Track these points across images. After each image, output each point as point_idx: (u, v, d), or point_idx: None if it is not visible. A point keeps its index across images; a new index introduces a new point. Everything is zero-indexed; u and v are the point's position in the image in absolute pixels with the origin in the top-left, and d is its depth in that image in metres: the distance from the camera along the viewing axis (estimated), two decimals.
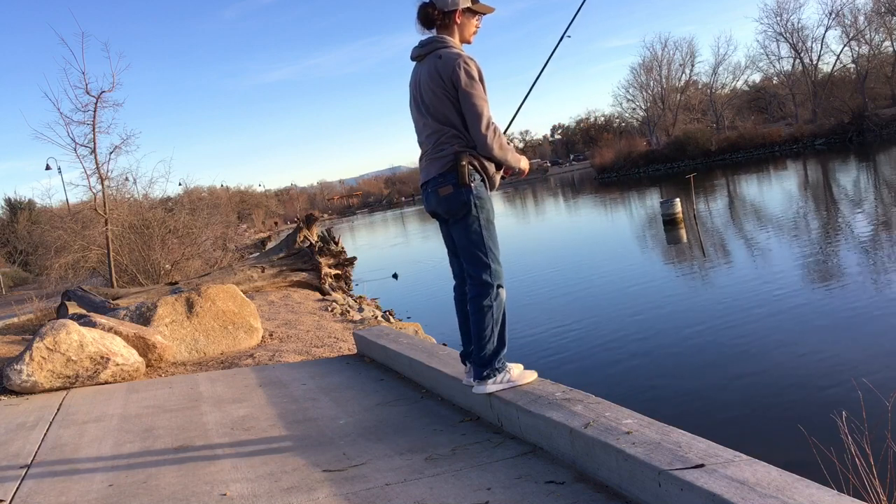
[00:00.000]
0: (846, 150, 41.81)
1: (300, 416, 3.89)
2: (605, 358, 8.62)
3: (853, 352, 7.33)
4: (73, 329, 5.29)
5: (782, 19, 59.31)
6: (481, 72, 3.11)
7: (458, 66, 3.04)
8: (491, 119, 3.08)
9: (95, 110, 11.88)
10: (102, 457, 3.43)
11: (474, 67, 3.07)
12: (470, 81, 3.04)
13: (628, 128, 76.91)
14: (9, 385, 5.07)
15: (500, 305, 3.18)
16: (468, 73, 3.04)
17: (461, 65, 3.04)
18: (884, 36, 55.97)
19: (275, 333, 7.55)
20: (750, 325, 8.97)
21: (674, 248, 17.23)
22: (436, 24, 3.18)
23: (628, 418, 2.60)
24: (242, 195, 71.11)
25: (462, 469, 2.78)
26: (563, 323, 10.69)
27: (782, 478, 1.97)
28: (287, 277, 12.55)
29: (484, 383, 3.22)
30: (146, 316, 6.54)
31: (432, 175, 3.16)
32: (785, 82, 63.08)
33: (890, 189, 21.48)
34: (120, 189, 14.79)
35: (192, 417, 4.07)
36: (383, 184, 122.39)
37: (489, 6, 3.27)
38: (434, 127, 3.15)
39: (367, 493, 2.63)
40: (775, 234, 16.33)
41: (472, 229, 3.13)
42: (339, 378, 4.86)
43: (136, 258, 13.88)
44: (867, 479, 2.76)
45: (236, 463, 3.14)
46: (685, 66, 67.86)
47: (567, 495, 2.41)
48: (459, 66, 3.04)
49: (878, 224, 15.43)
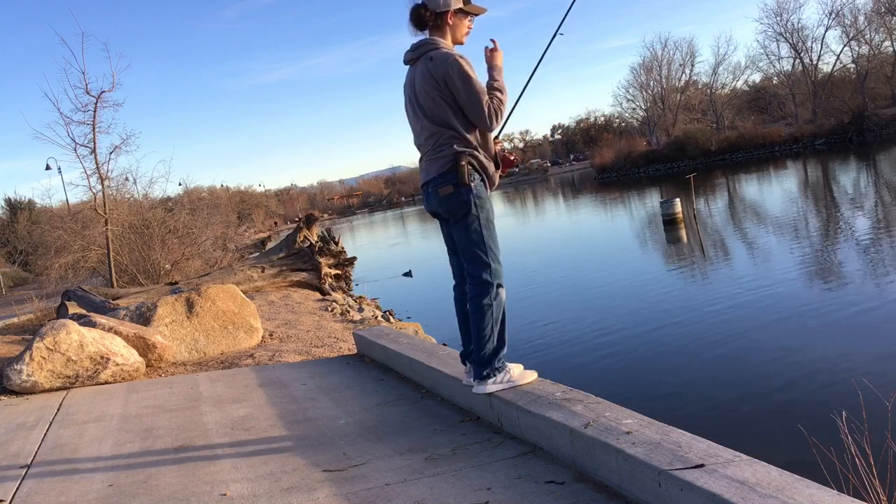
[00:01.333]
0: (846, 150, 41.81)
1: (300, 416, 3.89)
2: (605, 358, 8.62)
3: (853, 352, 7.33)
4: (73, 329, 5.29)
5: (782, 19, 59.43)
6: (472, 66, 3.11)
7: (449, 65, 3.06)
8: (489, 107, 3.10)
9: (95, 110, 11.89)
10: (102, 457, 3.43)
11: (466, 64, 3.08)
12: (464, 79, 3.05)
13: (628, 128, 76.93)
14: (9, 385, 5.07)
15: (500, 305, 3.18)
16: (460, 71, 3.05)
17: (452, 64, 3.06)
18: (884, 36, 56.03)
19: (275, 333, 7.55)
20: (750, 325, 8.97)
21: (674, 248, 17.23)
22: (428, 25, 3.20)
23: (628, 418, 2.60)
24: (242, 195, 71.07)
25: (462, 469, 2.78)
26: (563, 323, 10.69)
27: (782, 478, 1.97)
28: (287, 277, 12.55)
29: (484, 383, 3.22)
30: (146, 316, 6.54)
31: (432, 175, 3.17)
32: (785, 82, 63.09)
33: (890, 189, 21.47)
34: (120, 189, 14.81)
35: (192, 417, 4.07)
36: (383, 184, 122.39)
37: (481, 7, 3.28)
38: (432, 129, 3.16)
39: (367, 493, 2.63)
40: (775, 234, 16.33)
41: (472, 228, 3.14)
42: (339, 378, 4.86)
43: (136, 258, 13.87)
44: (867, 479, 2.76)
45: (236, 463, 3.14)
46: (685, 66, 67.98)
47: (567, 495, 2.41)
48: (451, 66, 3.06)
49: (878, 224, 15.43)
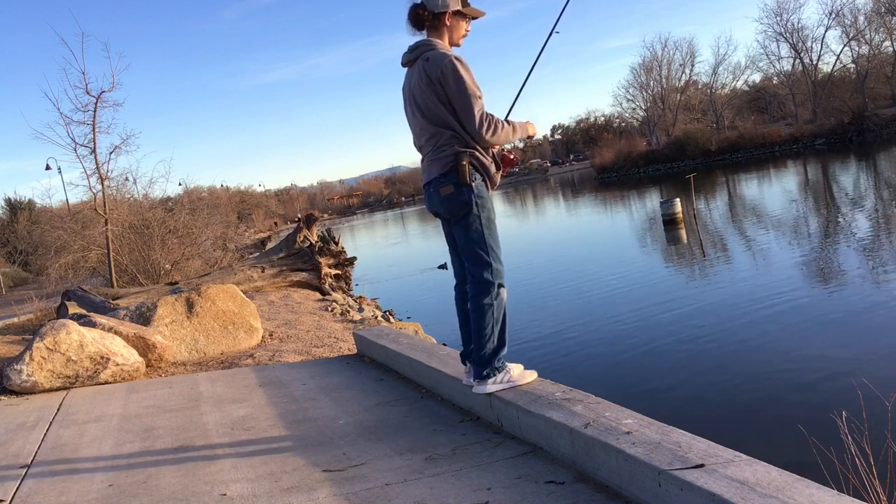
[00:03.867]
0: (846, 150, 41.81)
1: (300, 416, 3.89)
2: (605, 358, 8.62)
3: (853, 352, 7.33)
4: (73, 329, 5.29)
5: (782, 19, 59.45)
6: (469, 68, 3.11)
7: (444, 65, 3.06)
8: (483, 112, 3.08)
9: (95, 110, 11.88)
10: (102, 457, 3.43)
11: (461, 65, 3.08)
12: (458, 79, 3.05)
13: (628, 128, 76.95)
14: (9, 385, 5.07)
15: (501, 305, 3.18)
16: (455, 72, 3.05)
17: (448, 65, 3.06)
18: (884, 36, 56.03)
19: (275, 333, 7.55)
20: (750, 324, 8.97)
21: (674, 249, 17.24)
22: (426, 25, 3.21)
23: (628, 418, 2.60)
24: (242, 195, 71.12)
25: (462, 469, 2.78)
26: (563, 323, 10.69)
27: (782, 478, 1.97)
28: (287, 277, 12.55)
29: (484, 383, 3.22)
30: (146, 316, 6.54)
31: (434, 175, 3.18)
32: (785, 82, 63.09)
33: (890, 189, 21.47)
34: (120, 189, 14.80)
35: (192, 417, 4.07)
36: (383, 184, 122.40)
37: (479, 10, 3.29)
38: (431, 130, 3.17)
39: (367, 493, 2.63)
40: (775, 234, 16.33)
41: (473, 228, 3.14)
42: (339, 378, 4.86)
43: (136, 258, 13.87)
44: (867, 479, 2.76)
45: (236, 463, 3.14)
46: (685, 66, 68.00)
47: (567, 495, 2.41)
48: (447, 67, 3.06)
49: (878, 224, 15.42)
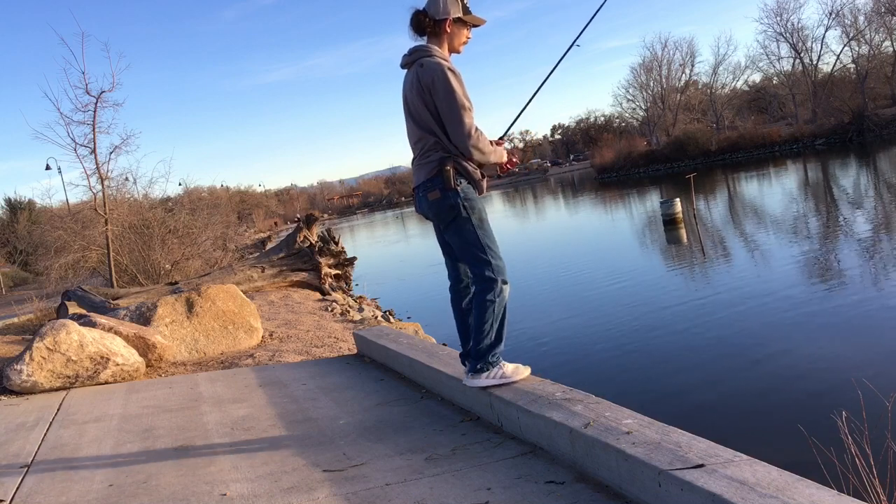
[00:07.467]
0: (846, 150, 41.82)
1: (300, 416, 3.89)
2: (605, 358, 8.62)
3: (853, 352, 7.33)
4: (73, 329, 5.29)
5: (782, 19, 59.40)
6: (461, 79, 3.13)
7: (436, 75, 3.09)
8: (470, 126, 3.09)
9: (95, 110, 11.86)
10: (102, 457, 3.43)
11: (453, 76, 3.10)
12: (447, 89, 3.07)
13: (628, 128, 76.93)
14: (9, 385, 5.07)
15: (502, 302, 3.21)
16: (446, 81, 3.08)
17: (439, 74, 3.09)
18: (884, 36, 55.95)
19: (275, 333, 7.55)
20: (750, 325, 8.97)
21: (674, 249, 17.24)
22: (427, 31, 3.23)
23: (628, 418, 2.60)
24: (242, 195, 71.10)
25: (462, 469, 2.78)
26: (563, 322, 10.70)
27: (782, 478, 1.97)
28: (287, 277, 12.55)
29: (477, 376, 3.27)
30: (146, 316, 6.54)
31: (421, 180, 3.23)
32: (785, 82, 63.07)
33: (890, 189, 21.47)
34: (120, 189, 14.78)
35: (192, 417, 4.07)
36: (383, 184, 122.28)
37: (480, 18, 3.32)
38: (419, 134, 3.21)
39: (367, 493, 2.63)
40: (775, 234, 16.33)
41: (465, 230, 3.18)
42: (339, 378, 4.86)
43: (136, 258, 13.87)
44: (867, 479, 2.77)
45: (236, 463, 3.14)
46: (685, 66, 67.98)
47: (567, 495, 2.41)
48: (437, 75, 3.09)
49: (878, 224, 15.43)
